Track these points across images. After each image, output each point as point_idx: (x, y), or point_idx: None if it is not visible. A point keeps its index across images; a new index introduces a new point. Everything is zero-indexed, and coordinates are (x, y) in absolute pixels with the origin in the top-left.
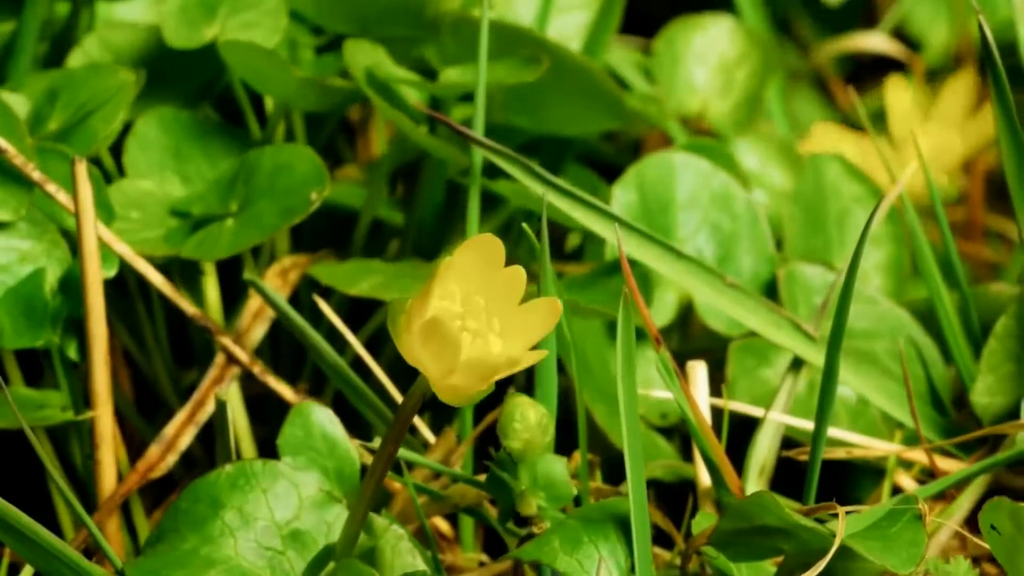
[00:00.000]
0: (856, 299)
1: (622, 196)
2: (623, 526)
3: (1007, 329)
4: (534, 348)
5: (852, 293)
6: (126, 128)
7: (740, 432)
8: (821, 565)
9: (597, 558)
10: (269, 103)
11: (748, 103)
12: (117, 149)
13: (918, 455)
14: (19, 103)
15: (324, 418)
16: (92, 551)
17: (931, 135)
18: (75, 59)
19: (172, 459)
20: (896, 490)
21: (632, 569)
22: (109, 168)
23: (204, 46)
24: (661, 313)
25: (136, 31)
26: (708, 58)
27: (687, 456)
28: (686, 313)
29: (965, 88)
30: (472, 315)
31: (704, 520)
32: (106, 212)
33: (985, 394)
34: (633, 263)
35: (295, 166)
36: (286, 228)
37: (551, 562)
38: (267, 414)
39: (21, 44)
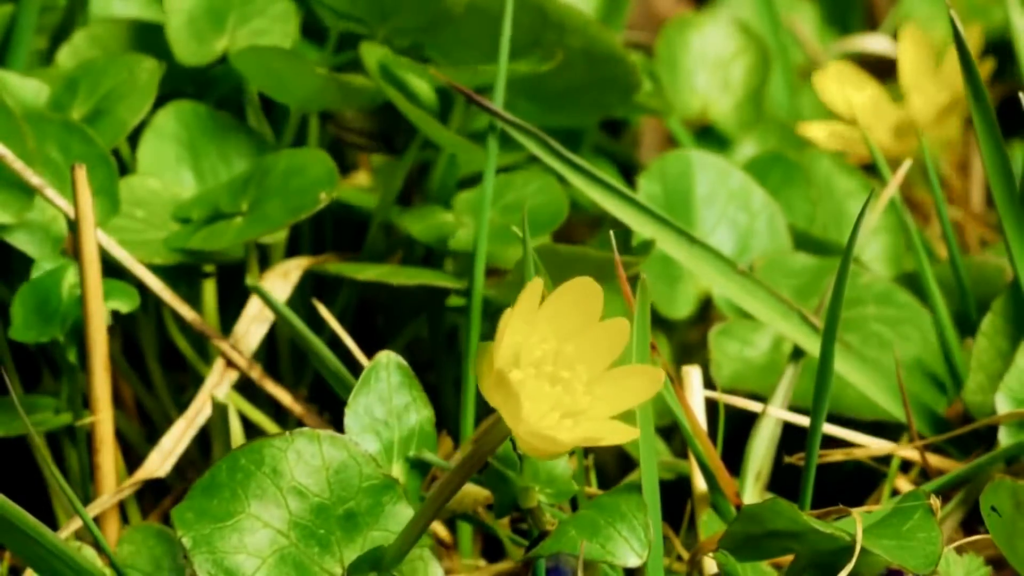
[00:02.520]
0: (834, 270)
1: (647, 187)
2: (638, 506)
3: (995, 327)
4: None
5: (846, 285)
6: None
7: (738, 413)
8: (847, 569)
9: (618, 538)
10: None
11: (749, 101)
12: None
13: (913, 454)
14: (39, 90)
15: (399, 379)
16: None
17: (936, 89)
18: (65, 55)
19: (170, 464)
20: (893, 492)
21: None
22: (126, 158)
23: (216, 60)
24: (681, 306)
25: (128, 28)
26: (706, 57)
27: (683, 454)
28: (706, 308)
29: (973, 45)
30: (562, 365)
31: (713, 523)
32: (111, 204)
33: (978, 392)
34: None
35: (308, 168)
36: (291, 223)
37: (573, 550)
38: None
39: (18, 36)
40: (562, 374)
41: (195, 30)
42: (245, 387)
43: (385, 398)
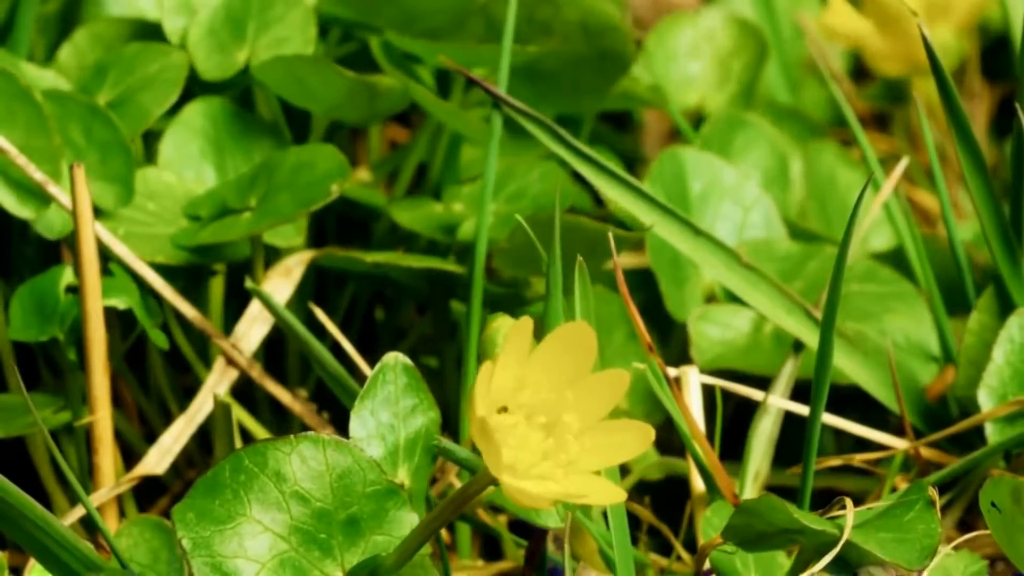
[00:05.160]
0: (818, 255)
1: (651, 192)
2: None
3: (981, 323)
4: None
5: (843, 277)
6: None
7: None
8: (825, 561)
9: None
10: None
11: (745, 93)
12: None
13: (909, 449)
14: (55, 81)
15: (405, 381)
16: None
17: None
18: (66, 53)
19: (168, 462)
20: (891, 490)
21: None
22: (138, 152)
23: (238, 72)
24: (690, 308)
25: (131, 27)
26: (702, 51)
27: (670, 450)
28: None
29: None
30: (554, 414)
31: (714, 523)
32: (125, 194)
33: (970, 387)
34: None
35: (317, 162)
36: (302, 214)
37: (503, 502)
38: (261, 416)
39: (18, 32)
40: (554, 423)
41: (216, 42)
42: (246, 386)
43: (392, 400)
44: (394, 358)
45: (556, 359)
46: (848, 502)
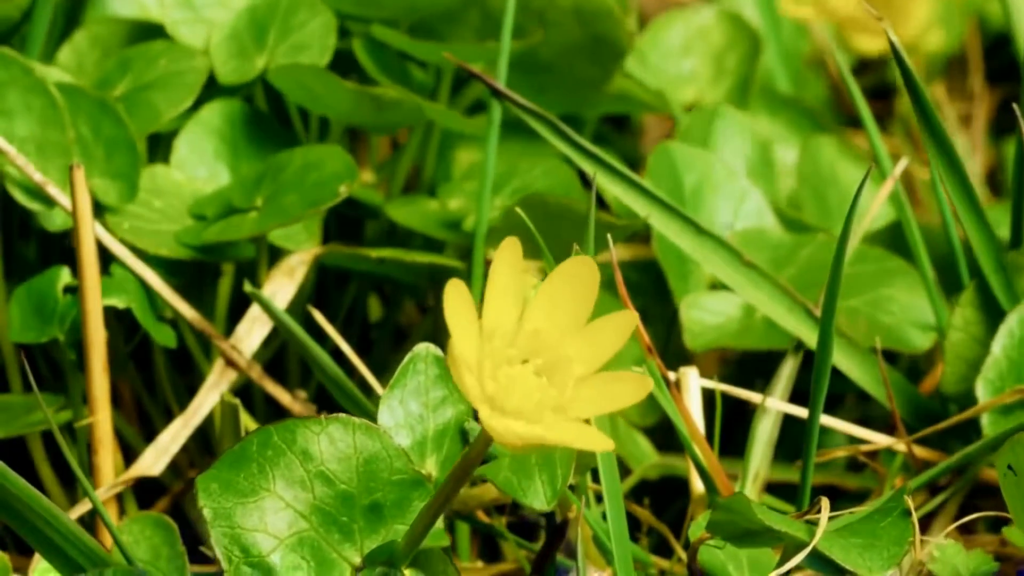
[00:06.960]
0: (810, 244)
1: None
2: (567, 460)
3: (965, 318)
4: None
5: (841, 274)
6: None
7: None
8: (794, 562)
9: (537, 482)
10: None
11: (741, 88)
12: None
13: (905, 448)
14: (60, 76)
15: (436, 372)
16: None
17: None
18: (66, 54)
19: (164, 462)
20: (892, 487)
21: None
22: (140, 153)
23: (256, 78)
24: None
25: (130, 28)
26: (696, 48)
27: (669, 447)
28: None
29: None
30: (553, 356)
31: (706, 521)
32: (129, 191)
33: (962, 382)
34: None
35: (325, 163)
36: (311, 215)
37: (493, 477)
38: (260, 417)
39: (35, 29)
40: (552, 365)
41: (238, 45)
42: (246, 387)
43: (422, 391)
44: (425, 348)
45: (558, 298)
46: (824, 503)
